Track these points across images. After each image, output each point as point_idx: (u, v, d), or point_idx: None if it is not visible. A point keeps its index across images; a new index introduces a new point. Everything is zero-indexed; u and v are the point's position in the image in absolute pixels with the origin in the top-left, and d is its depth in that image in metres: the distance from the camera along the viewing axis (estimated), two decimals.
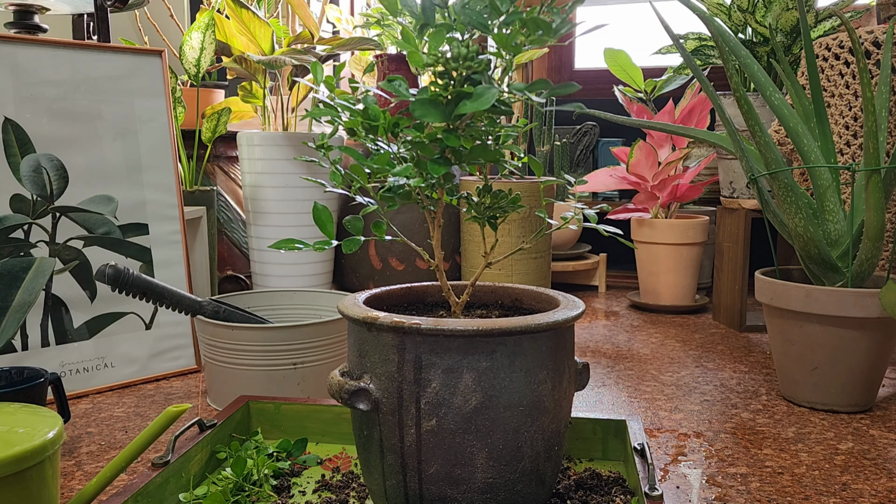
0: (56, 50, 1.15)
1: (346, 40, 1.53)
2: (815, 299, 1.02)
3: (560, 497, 0.74)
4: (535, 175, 1.66)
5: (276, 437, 0.90)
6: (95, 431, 0.97)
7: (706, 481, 0.82)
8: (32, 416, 0.61)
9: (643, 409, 1.07)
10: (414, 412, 0.60)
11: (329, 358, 1.06)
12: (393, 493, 0.64)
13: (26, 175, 1.11)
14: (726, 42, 1.12)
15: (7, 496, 0.54)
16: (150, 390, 1.15)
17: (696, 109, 1.71)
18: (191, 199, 1.45)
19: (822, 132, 1.09)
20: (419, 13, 0.59)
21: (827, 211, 1.07)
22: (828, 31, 1.54)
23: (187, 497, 0.73)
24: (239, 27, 1.47)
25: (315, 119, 0.65)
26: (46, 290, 1.11)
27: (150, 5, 1.75)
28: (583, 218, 0.71)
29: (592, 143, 2.22)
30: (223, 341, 1.02)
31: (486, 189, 0.69)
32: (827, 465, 0.87)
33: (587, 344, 1.45)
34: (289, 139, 1.51)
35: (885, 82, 1.07)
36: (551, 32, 0.56)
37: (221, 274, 1.69)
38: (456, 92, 0.57)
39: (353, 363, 0.65)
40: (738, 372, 1.25)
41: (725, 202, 1.62)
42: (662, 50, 1.84)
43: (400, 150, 0.65)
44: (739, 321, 1.55)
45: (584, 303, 0.78)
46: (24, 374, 0.91)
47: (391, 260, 1.65)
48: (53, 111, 1.14)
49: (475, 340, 0.60)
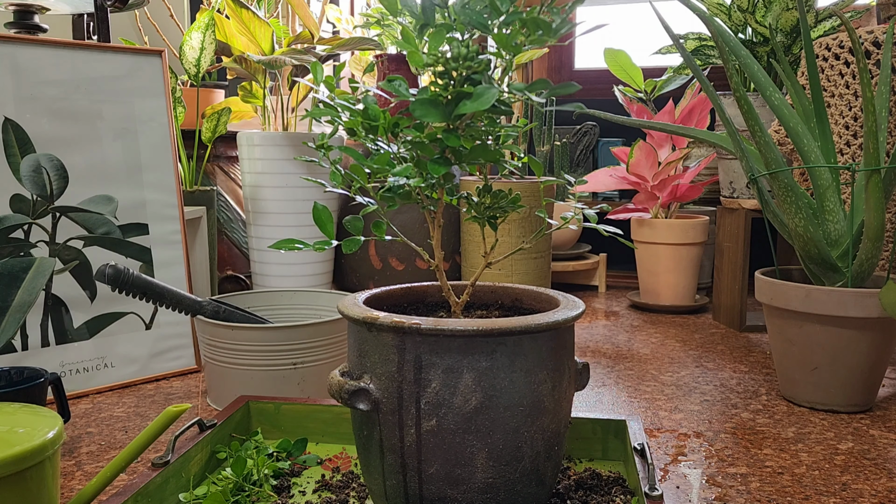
0: (56, 50, 1.15)
1: (346, 40, 1.53)
2: (815, 299, 1.02)
3: (560, 497, 0.74)
4: (535, 175, 1.66)
5: (276, 437, 0.90)
6: (95, 431, 0.97)
7: (706, 481, 0.82)
8: (32, 416, 0.61)
9: (643, 409, 1.07)
10: (414, 412, 0.60)
11: (329, 358, 1.06)
12: (393, 493, 0.64)
13: (26, 175, 1.11)
14: (726, 42, 1.12)
15: (7, 496, 0.54)
16: (150, 390, 1.15)
17: (696, 109, 1.71)
18: (191, 199, 1.45)
19: (822, 132, 1.09)
20: (419, 13, 0.59)
21: (827, 211, 1.07)
22: (828, 31, 1.54)
23: (187, 497, 0.73)
24: (239, 27, 1.47)
25: (315, 119, 0.65)
26: (46, 290, 1.11)
27: (150, 5, 1.75)
28: (583, 218, 0.71)
29: (592, 143, 2.22)
30: (223, 341, 1.02)
31: (486, 189, 0.69)
32: (827, 465, 0.87)
33: (587, 344, 1.45)
34: (289, 139, 1.51)
35: (885, 82, 1.07)
36: (551, 32, 0.56)
37: (221, 274, 1.69)
38: (456, 92, 0.57)
39: (353, 363, 0.65)
40: (738, 372, 1.25)
41: (725, 202, 1.62)
42: (662, 50, 1.84)
43: (400, 150, 0.65)
44: (739, 321, 1.56)
45: (584, 303, 0.78)
46: (24, 374, 0.91)
47: (391, 260, 1.65)
48: (53, 111, 1.14)
49: (475, 340, 0.60)
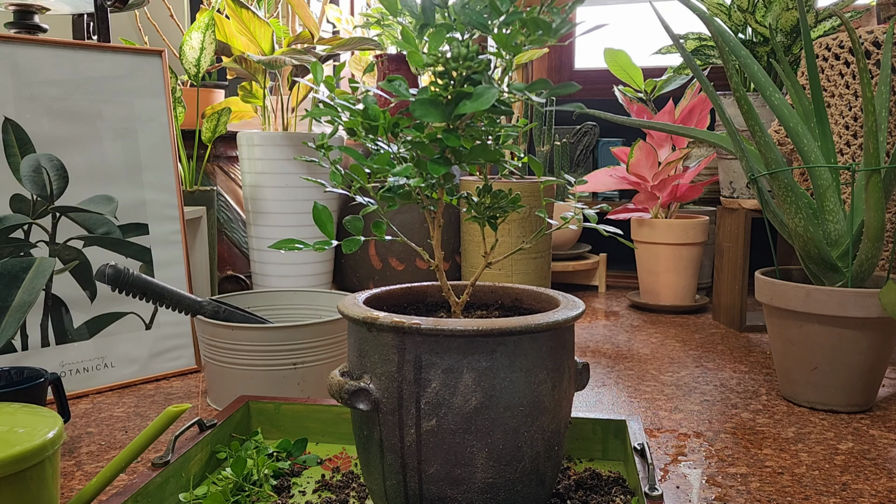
0: (56, 50, 1.15)
1: (346, 40, 1.53)
2: (815, 299, 1.02)
3: (560, 497, 0.74)
4: (535, 175, 1.66)
5: (276, 437, 0.90)
6: (95, 431, 0.97)
7: (706, 481, 0.82)
8: (32, 416, 0.61)
9: (643, 409, 1.07)
10: (414, 412, 0.60)
11: (329, 358, 1.06)
12: (393, 493, 0.64)
13: (26, 175, 1.11)
14: (726, 42, 1.12)
15: (7, 496, 0.54)
16: (150, 390, 1.15)
17: (696, 109, 1.71)
18: (191, 199, 1.45)
19: (822, 132, 1.09)
20: (419, 13, 0.59)
21: (827, 211, 1.07)
22: (828, 31, 1.54)
23: (187, 497, 0.73)
24: (239, 27, 1.47)
25: (315, 119, 0.65)
26: (46, 290, 1.11)
27: (150, 5, 1.75)
28: (583, 218, 0.71)
29: (592, 143, 2.22)
30: (223, 341, 1.02)
31: (486, 189, 0.69)
32: (827, 465, 0.87)
33: (587, 344, 1.45)
34: (289, 139, 1.51)
35: (885, 82, 1.07)
36: (551, 32, 0.56)
37: (221, 274, 1.69)
38: (456, 92, 0.57)
39: (353, 363, 0.65)
40: (738, 372, 1.25)
41: (725, 202, 1.62)
42: (662, 50, 1.84)
43: (400, 150, 0.65)
44: (739, 321, 1.55)
45: (584, 303, 0.78)
46: (24, 374, 0.91)
47: (391, 260, 1.65)
48: (53, 111, 1.14)
49: (475, 340, 0.60)
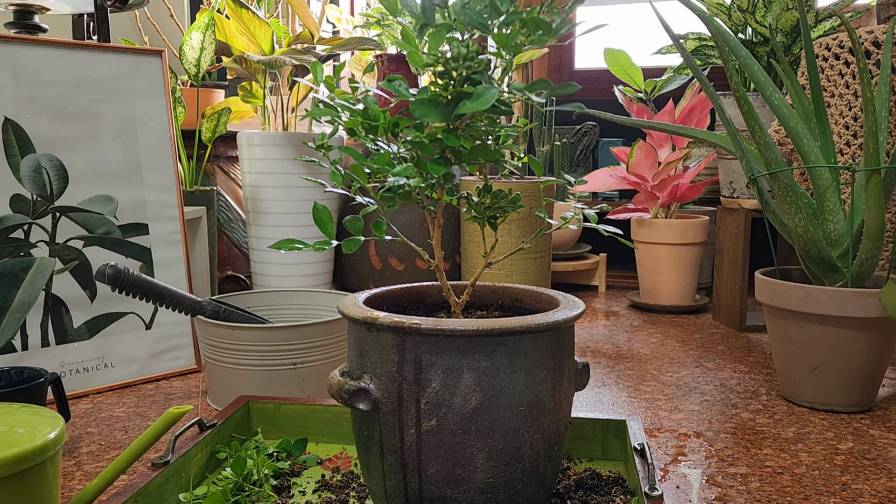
0: (56, 50, 1.15)
1: (346, 40, 1.53)
2: (815, 299, 1.02)
3: (560, 497, 0.74)
4: (535, 175, 1.66)
5: (276, 437, 0.90)
6: (95, 431, 0.97)
7: (706, 481, 0.82)
8: (33, 416, 0.61)
9: (643, 409, 1.07)
10: (414, 412, 0.60)
11: (329, 358, 1.06)
12: (393, 493, 0.64)
13: (26, 175, 1.11)
14: (726, 42, 1.12)
15: (8, 496, 0.54)
16: (150, 390, 1.15)
17: (696, 109, 1.71)
18: (191, 199, 1.45)
19: (822, 132, 1.09)
20: (419, 13, 0.59)
21: (827, 211, 1.07)
22: (828, 31, 1.54)
23: (187, 497, 0.73)
24: (239, 27, 1.47)
25: (315, 119, 0.65)
26: (46, 290, 1.11)
27: (150, 5, 1.75)
28: (583, 218, 0.71)
29: (592, 143, 2.22)
30: (223, 341, 1.02)
31: (486, 189, 0.69)
32: (827, 465, 0.87)
33: (587, 344, 1.45)
34: (289, 139, 1.51)
35: (885, 82, 1.07)
36: (551, 32, 0.56)
37: (221, 274, 1.69)
38: (456, 92, 0.57)
39: (353, 363, 0.65)
40: (738, 372, 1.25)
41: (725, 202, 1.62)
42: (662, 50, 1.84)
43: (400, 150, 0.65)
44: (739, 321, 1.55)
45: (584, 303, 0.78)
46: (24, 374, 0.91)
47: (391, 260, 1.65)
48: (53, 111, 1.14)
49: (475, 340, 0.60)
